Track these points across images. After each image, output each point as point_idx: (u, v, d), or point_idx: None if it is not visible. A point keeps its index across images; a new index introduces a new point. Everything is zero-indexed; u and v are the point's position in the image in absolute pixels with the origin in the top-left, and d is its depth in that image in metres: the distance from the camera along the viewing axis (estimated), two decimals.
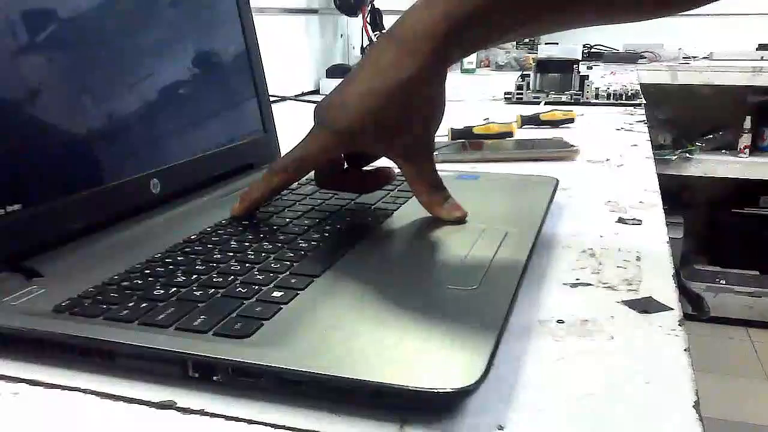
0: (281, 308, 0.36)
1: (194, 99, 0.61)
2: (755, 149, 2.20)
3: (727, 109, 2.24)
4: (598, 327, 0.38)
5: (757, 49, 2.21)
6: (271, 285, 0.39)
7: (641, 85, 1.55)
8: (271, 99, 0.72)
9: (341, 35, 1.82)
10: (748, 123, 2.17)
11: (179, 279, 0.40)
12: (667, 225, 0.56)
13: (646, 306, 0.41)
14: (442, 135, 0.93)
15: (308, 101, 1.35)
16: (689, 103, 2.31)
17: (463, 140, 0.90)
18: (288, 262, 0.42)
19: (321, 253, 0.45)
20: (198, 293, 0.38)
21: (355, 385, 0.30)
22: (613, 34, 2.27)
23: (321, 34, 1.70)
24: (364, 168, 0.56)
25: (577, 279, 0.45)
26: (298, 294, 0.38)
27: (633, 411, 0.30)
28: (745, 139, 2.17)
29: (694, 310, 2.18)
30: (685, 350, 0.35)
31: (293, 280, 0.40)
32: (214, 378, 0.32)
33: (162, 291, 0.38)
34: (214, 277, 0.40)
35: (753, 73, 1.98)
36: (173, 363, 0.32)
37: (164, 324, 0.34)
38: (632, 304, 0.41)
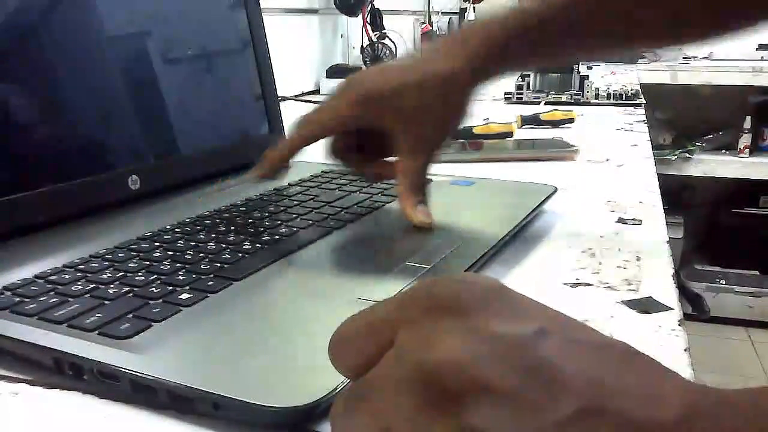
0: (180, 311, 0.35)
1: (192, 97, 0.61)
2: (755, 149, 2.20)
3: (727, 109, 2.24)
4: (598, 327, 0.37)
5: (757, 49, 2.21)
6: (186, 286, 0.38)
7: (641, 85, 1.55)
8: None
9: (341, 35, 1.82)
10: (748, 123, 2.17)
11: (104, 276, 0.40)
12: (667, 225, 0.56)
13: (646, 306, 0.41)
14: None
15: (308, 101, 1.35)
16: (689, 103, 2.31)
17: (463, 140, 0.90)
18: (219, 264, 0.41)
19: (259, 256, 0.43)
20: (111, 291, 0.37)
21: (194, 395, 0.29)
22: None
23: (321, 34, 1.70)
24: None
25: (577, 279, 0.45)
26: (207, 297, 0.37)
27: None
28: (745, 139, 2.17)
29: (694, 310, 2.18)
30: (685, 350, 0.35)
31: (210, 283, 0.39)
32: (84, 378, 0.32)
33: (80, 287, 0.38)
34: (138, 276, 0.40)
35: (753, 73, 1.97)
36: (57, 361, 0.32)
37: (59, 320, 0.34)
38: (632, 304, 0.41)
